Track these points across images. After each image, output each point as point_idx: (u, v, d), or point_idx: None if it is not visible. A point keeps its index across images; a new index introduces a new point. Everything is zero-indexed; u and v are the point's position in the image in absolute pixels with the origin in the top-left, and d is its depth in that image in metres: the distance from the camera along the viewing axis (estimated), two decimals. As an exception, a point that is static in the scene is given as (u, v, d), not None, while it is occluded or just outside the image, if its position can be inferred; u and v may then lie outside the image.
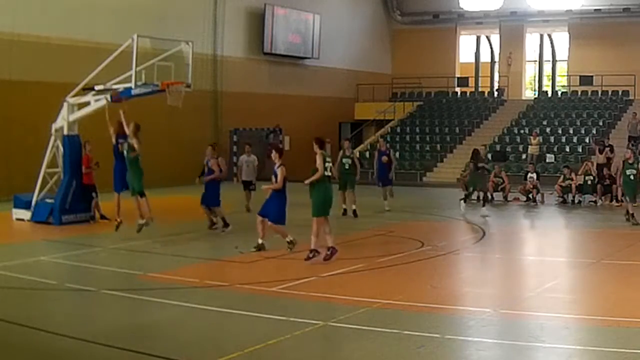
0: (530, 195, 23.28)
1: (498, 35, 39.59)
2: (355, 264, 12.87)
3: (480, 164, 21.16)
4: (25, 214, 18.43)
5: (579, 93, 36.29)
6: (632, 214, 18.05)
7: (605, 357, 8.01)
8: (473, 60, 42.08)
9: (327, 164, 12.90)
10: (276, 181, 13.42)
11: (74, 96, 18.29)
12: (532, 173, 23.93)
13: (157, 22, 25.99)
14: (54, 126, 18.47)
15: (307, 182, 12.81)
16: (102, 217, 18.51)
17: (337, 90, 37.21)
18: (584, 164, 23.90)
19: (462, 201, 20.78)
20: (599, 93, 35.61)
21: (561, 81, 41.14)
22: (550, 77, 42.09)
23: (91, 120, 18.69)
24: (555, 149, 31.48)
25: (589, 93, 35.94)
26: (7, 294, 11.03)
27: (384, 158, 20.79)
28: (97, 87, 17.99)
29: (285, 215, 13.62)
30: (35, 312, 10.03)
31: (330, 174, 13.07)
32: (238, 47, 32.25)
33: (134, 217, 15.53)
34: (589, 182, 23.07)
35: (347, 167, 19.66)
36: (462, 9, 38.79)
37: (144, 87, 17.52)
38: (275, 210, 13.52)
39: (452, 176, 29.84)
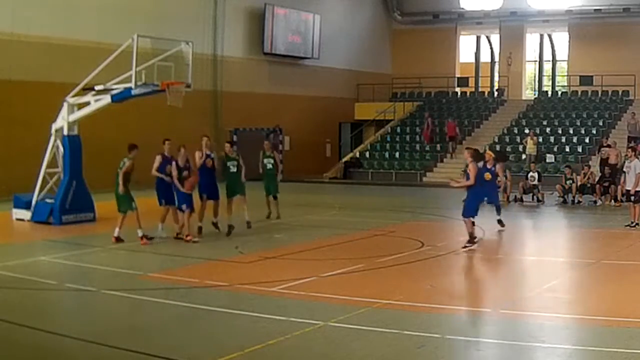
0: (532, 195, 23.26)
1: (498, 35, 39.56)
2: (355, 264, 12.86)
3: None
4: (25, 214, 18.42)
5: (579, 93, 36.27)
6: None
7: (605, 357, 8.00)
8: (473, 60, 42.08)
9: None
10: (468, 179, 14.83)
11: (74, 96, 18.28)
12: (533, 172, 23.90)
13: (157, 22, 25.99)
14: (54, 126, 18.45)
15: None
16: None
17: (337, 90, 37.20)
18: (586, 171, 23.60)
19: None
20: (599, 93, 35.58)
21: (561, 81, 41.13)
22: (550, 77, 42.08)
23: (91, 120, 18.71)
24: (555, 149, 31.47)
25: (589, 93, 35.92)
26: (7, 294, 11.01)
27: (487, 175, 16.86)
28: (97, 87, 18.00)
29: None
30: (35, 312, 10.03)
31: None
32: (238, 47, 32.26)
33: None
34: (589, 185, 23.09)
35: None
36: (462, 9, 38.78)
37: (144, 87, 17.52)
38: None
39: (452, 176, 29.73)
